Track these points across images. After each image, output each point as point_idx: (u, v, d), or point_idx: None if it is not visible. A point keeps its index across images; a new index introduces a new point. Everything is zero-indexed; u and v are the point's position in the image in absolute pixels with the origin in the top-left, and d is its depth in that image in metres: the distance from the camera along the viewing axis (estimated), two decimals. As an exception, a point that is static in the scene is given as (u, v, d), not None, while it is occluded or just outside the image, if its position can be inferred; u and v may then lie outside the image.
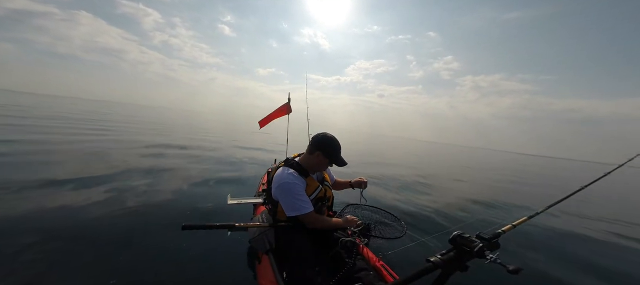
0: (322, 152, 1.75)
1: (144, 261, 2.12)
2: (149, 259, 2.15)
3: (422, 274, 0.83)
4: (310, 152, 1.79)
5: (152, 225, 2.70)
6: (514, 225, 1.20)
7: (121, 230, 2.54)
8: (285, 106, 4.22)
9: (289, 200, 1.63)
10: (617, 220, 5.26)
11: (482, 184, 8.52)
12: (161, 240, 2.43)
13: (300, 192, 1.64)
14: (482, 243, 0.87)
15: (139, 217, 2.86)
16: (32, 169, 4.08)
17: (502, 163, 26.28)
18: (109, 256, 2.13)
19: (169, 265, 2.09)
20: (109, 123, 13.72)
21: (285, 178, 1.65)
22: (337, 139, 1.81)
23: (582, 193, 1.66)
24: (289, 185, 1.63)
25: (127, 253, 2.19)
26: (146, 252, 2.23)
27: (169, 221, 2.81)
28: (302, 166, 1.76)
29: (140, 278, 1.94)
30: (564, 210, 5.19)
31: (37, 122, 10.60)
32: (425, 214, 4.33)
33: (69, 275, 1.88)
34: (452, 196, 5.95)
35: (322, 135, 1.79)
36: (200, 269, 2.11)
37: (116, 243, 2.31)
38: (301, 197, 1.63)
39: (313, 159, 1.77)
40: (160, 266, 2.07)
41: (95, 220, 2.68)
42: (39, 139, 6.69)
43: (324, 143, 1.76)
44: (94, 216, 2.75)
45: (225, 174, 5.36)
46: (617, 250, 3.74)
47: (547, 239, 3.83)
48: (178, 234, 2.47)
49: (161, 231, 2.59)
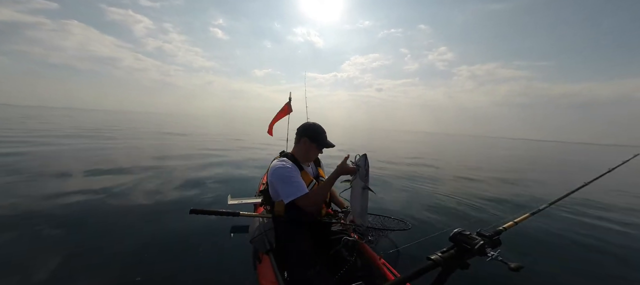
0: (307, 137, 1.80)
1: (143, 262, 2.11)
2: (148, 260, 2.15)
3: (423, 271, 0.82)
4: (297, 142, 1.85)
5: (150, 226, 2.70)
6: (516, 222, 1.18)
7: (118, 232, 2.53)
8: (286, 106, 4.24)
9: (284, 184, 1.66)
10: (626, 212, 5.19)
11: (484, 175, 8.48)
12: (159, 242, 2.42)
13: (294, 175, 1.67)
14: (483, 240, 0.86)
15: (136, 218, 2.85)
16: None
17: (507, 150, 26.16)
18: (109, 263, 2.12)
19: (168, 267, 2.09)
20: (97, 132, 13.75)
21: (279, 164, 1.71)
22: (319, 125, 1.87)
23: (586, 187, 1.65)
24: (283, 169, 1.68)
25: (127, 255, 2.18)
26: (146, 253, 2.23)
27: (169, 221, 2.81)
28: (295, 158, 1.79)
29: (139, 278, 1.93)
30: (568, 206, 5.17)
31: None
32: (426, 211, 4.32)
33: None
34: (453, 191, 5.93)
35: (305, 123, 1.87)
36: (199, 269, 2.10)
37: (116, 246, 2.31)
38: (295, 179, 1.66)
39: (301, 148, 1.82)
40: (159, 268, 2.07)
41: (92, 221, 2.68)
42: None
43: (307, 129, 1.83)
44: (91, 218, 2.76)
45: (225, 174, 5.36)
46: (620, 245, 3.72)
47: (549, 235, 3.81)
48: (176, 236, 2.47)
49: (158, 233, 2.58)
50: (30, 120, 19.08)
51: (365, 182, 1.67)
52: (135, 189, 3.69)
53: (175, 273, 2.02)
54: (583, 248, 3.54)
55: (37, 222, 2.62)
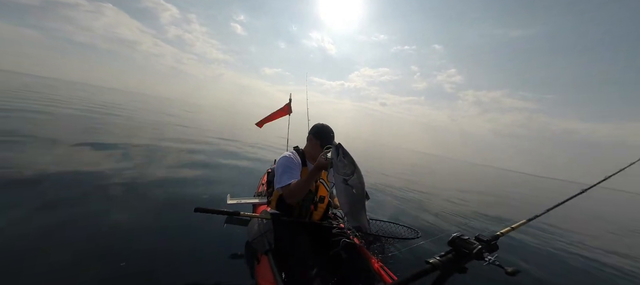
0: (313, 135, 1.92)
1: (141, 263, 2.11)
2: (147, 261, 2.14)
3: (421, 275, 0.83)
4: (307, 140, 1.98)
5: (148, 228, 2.68)
6: (513, 228, 1.20)
7: (115, 236, 2.50)
8: (286, 107, 4.22)
9: (280, 172, 1.76)
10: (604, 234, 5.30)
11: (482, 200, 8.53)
12: (157, 243, 2.41)
13: (291, 167, 1.77)
14: (480, 245, 0.87)
15: (133, 219, 2.80)
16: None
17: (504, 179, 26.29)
18: (110, 263, 2.12)
19: (167, 268, 2.08)
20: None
21: (286, 155, 1.86)
22: (327, 125, 1.96)
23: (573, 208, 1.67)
24: (286, 159, 1.81)
25: (125, 257, 2.18)
26: (144, 254, 2.22)
27: (168, 221, 2.80)
28: (304, 154, 1.92)
29: (138, 279, 1.93)
30: (560, 218, 5.19)
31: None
32: (425, 217, 4.33)
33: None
34: (453, 204, 5.95)
35: (317, 123, 1.99)
36: (199, 269, 2.10)
37: (114, 245, 2.30)
38: (291, 170, 1.76)
39: (309, 146, 1.94)
40: (158, 268, 2.07)
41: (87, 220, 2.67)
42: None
43: (314, 127, 1.96)
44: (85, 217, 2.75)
45: (225, 174, 5.36)
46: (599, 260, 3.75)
47: (545, 242, 3.83)
48: (175, 237, 2.48)
49: (155, 235, 2.56)
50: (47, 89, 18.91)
51: (343, 175, 1.41)
52: (117, 194, 3.65)
53: (172, 274, 2.02)
54: (577, 255, 3.55)
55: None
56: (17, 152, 4.13)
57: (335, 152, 1.44)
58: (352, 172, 1.41)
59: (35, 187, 3.01)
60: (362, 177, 1.43)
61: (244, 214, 1.90)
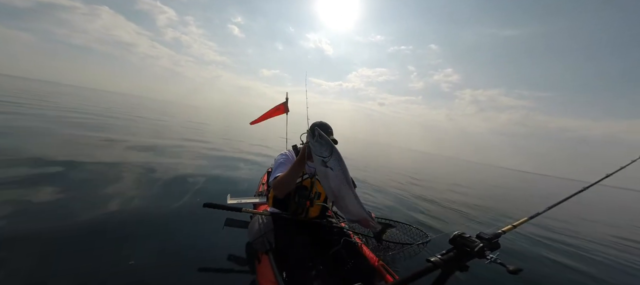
0: (310, 130, 1.83)
1: (140, 265, 2.10)
2: (146, 261, 2.14)
3: (422, 274, 0.83)
4: (306, 139, 1.98)
5: (147, 229, 2.67)
6: (515, 226, 1.19)
7: (113, 237, 2.50)
8: (281, 106, 4.17)
9: (275, 168, 1.84)
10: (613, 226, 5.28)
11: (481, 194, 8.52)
12: (155, 245, 2.40)
13: (283, 162, 1.85)
14: (482, 243, 0.87)
15: (132, 220, 2.79)
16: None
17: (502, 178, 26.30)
18: (108, 256, 2.12)
19: (167, 268, 2.08)
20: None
21: (282, 152, 1.96)
22: (325, 122, 2.00)
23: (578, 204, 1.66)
24: (281, 156, 1.91)
25: (124, 257, 2.18)
26: (143, 255, 2.22)
27: (167, 222, 2.80)
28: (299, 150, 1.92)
29: (137, 279, 1.93)
30: (564, 215, 5.19)
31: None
32: (426, 215, 4.32)
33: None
34: (453, 201, 5.94)
35: (315, 121, 2.02)
36: (198, 268, 2.10)
37: (113, 244, 2.30)
38: (280, 166, 1.81)
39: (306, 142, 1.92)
40: (157, 269, 2.06)
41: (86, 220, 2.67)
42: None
43: (312, 125, 1.95)
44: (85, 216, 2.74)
45: (225, 174, 5.35)
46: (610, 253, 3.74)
47: (546, 240, 3.82)
48: (173, 239, 2.47)
49: (153, 235, 2.55)
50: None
51: (321, 156, 1.30)
52: (115, 196, 3.66)
53: (172, 274, 2.01)
54: (580, 252, 3.55)
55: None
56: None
57: (311, 134, 1.35)
58: (329, 152, 1.30)
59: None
60: (341, 158, 1.32)
61: (246, 210, 1.95)
